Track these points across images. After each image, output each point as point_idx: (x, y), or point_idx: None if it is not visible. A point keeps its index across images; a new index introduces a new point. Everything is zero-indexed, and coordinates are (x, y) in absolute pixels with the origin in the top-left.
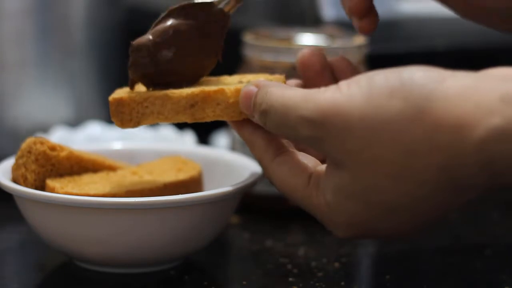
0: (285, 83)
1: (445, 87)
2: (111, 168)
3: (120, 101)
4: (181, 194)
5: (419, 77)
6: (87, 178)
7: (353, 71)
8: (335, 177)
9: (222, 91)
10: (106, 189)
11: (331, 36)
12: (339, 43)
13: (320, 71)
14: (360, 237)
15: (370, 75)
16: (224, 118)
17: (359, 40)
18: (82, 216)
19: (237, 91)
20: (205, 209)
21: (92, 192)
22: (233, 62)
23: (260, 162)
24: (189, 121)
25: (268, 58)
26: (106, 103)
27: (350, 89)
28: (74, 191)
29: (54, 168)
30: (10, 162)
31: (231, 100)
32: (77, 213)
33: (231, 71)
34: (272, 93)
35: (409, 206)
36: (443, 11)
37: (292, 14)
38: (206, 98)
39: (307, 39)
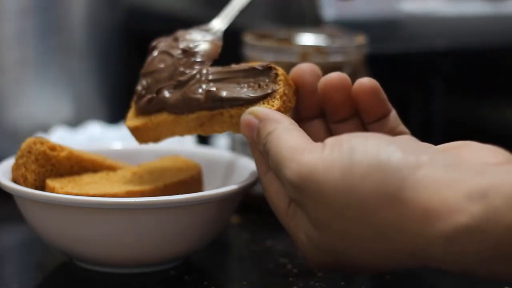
0: (286, 82)
1: (419, 176)
2: (111, 168)
3: (135, 128)
4: (181, 194)
5: (396, 160)
6: (87, 178)
7: (377, 103)
8: (308, 227)
9: (223, 113)
10: (106, 189)
11: (331, 36)
12: (339, 43)
13: (341, 103)
14: (330, 273)
15: (353, 145)
16: (233, 132)
17: (359, 40)
18: (82, 216)
19: (238, 114)
20: (205, 209)
21: (92, 192)
22: (233, 62)
23: (257, 171)
24: (203, 134)
25: (268, 58)
26: (106, 103)
27: (331, 156)
28: (74, 191)
29: (54, 168)
30: (10, 162)
31: (234, 121)
32: (77, 213)
33: None
34: (272, 138)
35: (376, 269)
36: (443, 11)
37: (292, 14)
38: (211, 119)
39: (307, 39)
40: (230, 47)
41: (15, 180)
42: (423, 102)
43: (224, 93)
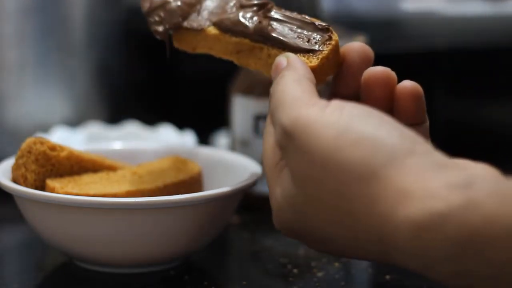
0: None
1: (407, 162)
2: (111, 168)
3: (179, 30)
4: (181, 194)
5: (392, 140)
6: (87, 178)
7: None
8: (288, 183)
9: (263, 49)
10: (106, 189)
11: None
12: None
13: (381, 97)
14: (291, 238)
15: (355, 114)
16: (264, 72)
17: (359, 39)
18: (82, 216)
19: (276, 55)
20: (205, 209)
21: (92, 192)
22: (233, 62)
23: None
24: (236, 62)
25: None
26: (106, 103)
27: (331, 116)
28: (74, 191)
29: (54, 168)
30: (10, 162)
31: (270, 61)
32: (77, 213)
33: (231, 71)
34: (281, 81)
35: (340, 246)
36: (443, 11)
37: None
38: (250, 51)
39: None
40: None
41: (15, 180)
42: None
43: (273, 32)
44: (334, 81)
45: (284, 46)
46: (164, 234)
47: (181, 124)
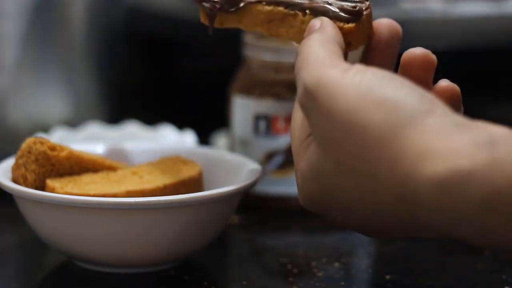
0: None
1: (428, 121)
2: (111, 168)
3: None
4: (181, 194)
5: (412, 101)
6: (87, 178)
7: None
8: (312, 152)
9: (297, 16)
10: (106, 189)
11: None
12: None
13: (419, 79)
14: (319, 214)
15: (377, 77)
16: (295, 41)
17: None
18: (82, 216)
19: (310, 20)
20: (205, 209)
21: (92, 192)
22: (233, 62)
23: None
24: (264, 33)
25: (268, 58)
26: (106, 103)
27: (353, 78)
28: (74, 191)
29: (54, 168)
30: (10, 162)
31: (303, 27)
32: (77, 213)
33: (231, 71)
34: (308, 41)
35: (364, 215)
36: (443, 11)
37: None
38: (282, 19)
39: None
40: (230, 47)
41: (15, 180)
42: None
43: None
44: (363, 54)
45: (319, 11)
46: (164, 234)
47: (181, 124)
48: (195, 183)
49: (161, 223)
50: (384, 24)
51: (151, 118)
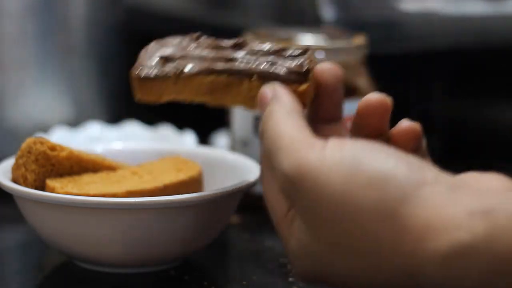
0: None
1: (422, 194)
2: (111, 168)
3: (140, 78)
4: (181, 194)
5: (401, 176)
6: (87, 178)
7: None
8: (301, 231)
9: (243, 83)
10: (106, 189)
11: (331, 36)
12: (339, 43)
13: (377, 125)
14: (315, 284)
15: (357, 153)
16: (242, 106)
17: (359, 40)
18: (82, 216)
19: (258, 87)
20: (205, 209)
21: (92, 192)
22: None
23: (260, 165)
24: (209, 103)
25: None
26: (106, 103)
27: (333, 158)
28: (74, 191)
29: (54, 168)
30: (10, 162)
31: (251, 93)
32: (77, 213)
33: None
34: (271, 119)
35: (367, 285)
36: (443, 11)
37: (292, 14)
38: (226, 87)
39: (307, 39)
40: None
41: (15, 180)
42: (423, 102)
43: (254, 64)
44: (312, 106)
45: (266, 76)
46: (164, 234)
47: (181, 124)
48: (195, 183)
49: (161, 223)
50: (327, 70)
51: (151, 118)
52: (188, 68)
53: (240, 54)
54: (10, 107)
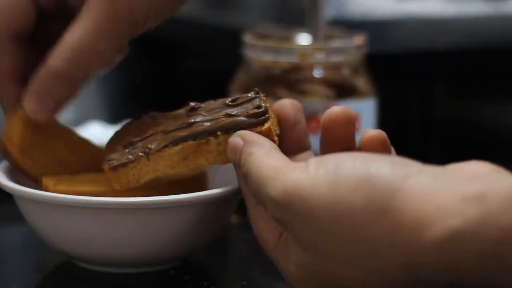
0: (271, 131)
1: (408, 186)
2: (100, 154)
3: (115, 169)
4: (181, 194)
5: (385, 173)
6: (84, 176)
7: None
8: (298, 253)
9: (210, 141)
10: (104, 187)
11: (331, 36)
12: (339, 43)
13: (345, 137)
14: None
15: (338, 161)
16: (218, 164)
17: (359, 40)
18: (82, 216)
19: (226, 140)
20: (205, 209)
21: (89, 189)
22: (233, 62)
23: (245, 202)
24: (186, 172)
25: (268, 58)
26: (106, 103)
27: (317, 173)
28: (63, 188)
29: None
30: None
31: (221, 148)
32: (77, 213)
33: (231, 71)
34: (252, 159)
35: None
36: (443, 11)
37: (292, 14)
38: (196, 151)
39: (307, 39)
40: (230, 47)
41: (3, 150)
42: (423, 102)
43: (209, 122)
44: (279, 140)
45: (230, 128)
46: (164, 234)
47: None
48: (195, 183)
49: (161, 223)
50: (286, 105)
51: None
52: (155, 144)
53: (198, 117)
54: None
